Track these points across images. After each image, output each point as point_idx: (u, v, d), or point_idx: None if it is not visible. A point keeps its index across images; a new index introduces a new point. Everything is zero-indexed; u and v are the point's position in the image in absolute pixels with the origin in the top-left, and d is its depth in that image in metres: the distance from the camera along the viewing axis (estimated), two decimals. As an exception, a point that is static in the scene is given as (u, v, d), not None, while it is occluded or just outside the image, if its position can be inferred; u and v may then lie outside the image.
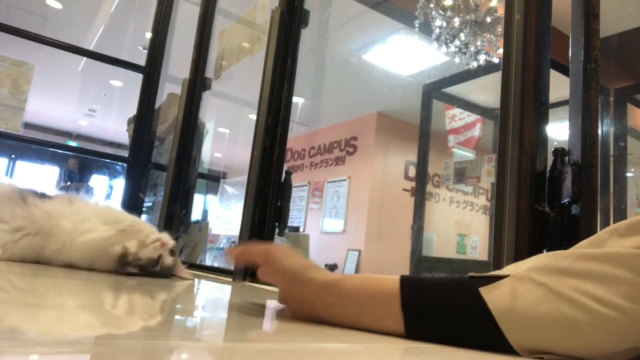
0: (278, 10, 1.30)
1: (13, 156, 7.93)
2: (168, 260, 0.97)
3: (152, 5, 3.62)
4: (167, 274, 1.00)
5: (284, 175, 1.24)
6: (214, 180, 5.49)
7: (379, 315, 0.50)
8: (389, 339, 0.49)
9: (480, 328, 0.46)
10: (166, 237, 0.99)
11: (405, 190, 5.70)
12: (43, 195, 1.09)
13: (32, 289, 0.70)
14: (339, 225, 5.81)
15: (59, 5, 4.55)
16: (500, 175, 0.63)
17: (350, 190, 5.82)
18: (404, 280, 0.50)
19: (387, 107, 5.65)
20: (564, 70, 0.76)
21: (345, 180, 5.90)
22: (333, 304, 0.53)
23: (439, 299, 0.49)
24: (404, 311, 0.48)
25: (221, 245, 6.77)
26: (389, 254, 5.04)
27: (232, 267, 1.20)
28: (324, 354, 0.42)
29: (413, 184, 5.81)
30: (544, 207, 0.61)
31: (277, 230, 1.19)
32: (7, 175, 7.92)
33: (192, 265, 1.57)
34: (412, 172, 5.84)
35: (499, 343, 0.45)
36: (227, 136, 6.83)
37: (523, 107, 0.66)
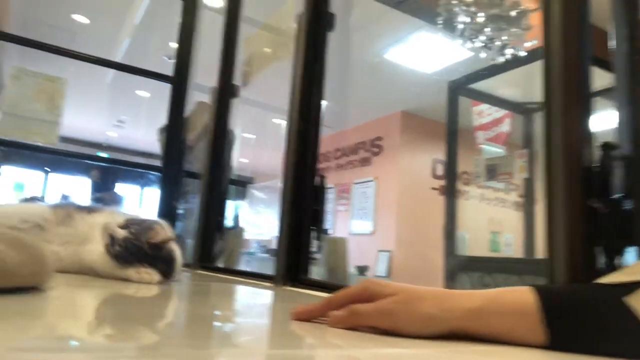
0: (304, 16, 1.30)
1: (47, 169, 8.18)
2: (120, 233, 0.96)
3: (175, 15, 3.68)
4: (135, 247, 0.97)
5: (317, 179, 1.24)
6: (241, 185, 5.55)
7: (520, 334, 0.49)
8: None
9: (632, 336, 0.45)
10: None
11: (433, 188, 5.64)
12: (89, 209, 1.11)
13: (72, 299, 0.72)
14: (368, 226, 5.79)
15: (86, 20, 4.68)
16: (548, 173, 0.62)
17: (377, 190, 5.80)
18: (539, 294, 0.49)
19: (411, 105, 5.61)
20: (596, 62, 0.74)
21: (372, 181, 5.87)
22: (474, 329, 0.50)
23: (581, 311, 0.48)
24: (549, 329, 0.48)
25: (252, 250, 6.82)
26: (420, 253, 4.99)
27: (272, 272, 1.21)
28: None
29: (441, 182, 5.75)
30: (596, 203, 0.60)
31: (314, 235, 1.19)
32: (43, 187, 8.16)
33: (231, 271, 1.58)
34: (440, 170, 5.78)
35: None
36: (252, 141, 6.89)
37: (567, 101, 0.65)
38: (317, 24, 1.27)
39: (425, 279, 4.76)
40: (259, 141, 6.77)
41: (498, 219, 5.30)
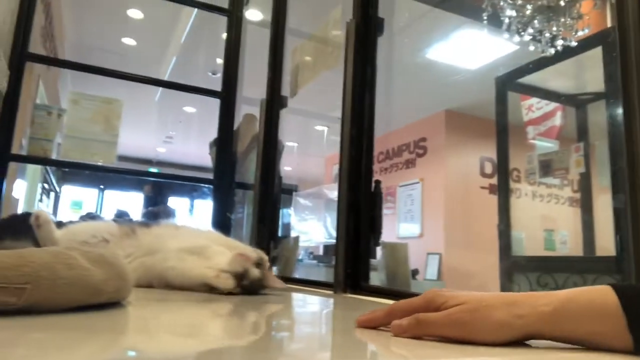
0: (353, 22, 1.31)
1: (102, 186, 8.55)
2: (254, 272, 0.98)
3: (220, 31, 3.78)
4: (259, 286, 1.01)
5: (373, 184, 1.24)
6: (287, 193, 5.61)
7: (601, 338, 0.46)
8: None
9: None
10: (250, 250, 1.01)
11: (482, 187, 5.51)
12: (150, 225, 1.15)
13: (155, 313, 0.74)
14: (415, 229, 5.71)
15: (133, 42, 4.87)
16: (631, 167, 0.59)
17: (423, 192, 5.71)
18: (619, 294, 0.46)
19: (455, 103, 5.51)
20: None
21: (417, 183, 5.80)
22: (549, 334, 0.48)
23: None
24: (632, 334, 0.44)
25: (300, 257, 6.87)
26: (472, 255, 4.87)
27: (331, 279, 1.21)
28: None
29: (490, 180, 5.61)
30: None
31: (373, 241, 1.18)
32: (99, 204, 8.54)
33: (288, 279, 1.60)
34: (488, 168, 5.64)
35: None
36: (295, 149, 6.96)
37: (644, 92, 0.62)
38: (366, 29, 1.27)
39: (479, 281, 4.64)
40: (301, 149, 6.84)
41: (551, 216, 5.11)
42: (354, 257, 1.18)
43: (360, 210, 1.21)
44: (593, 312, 0.46)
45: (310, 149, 7.17)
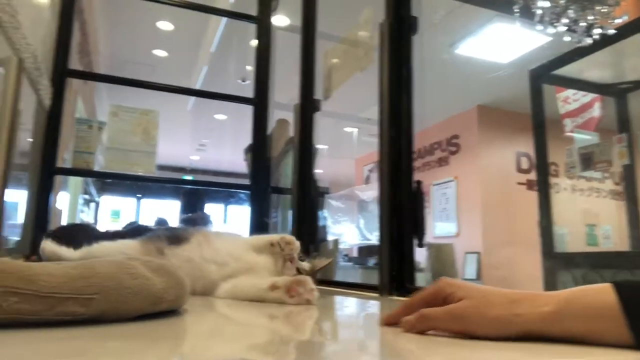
0: (386, 22, 1.30)
1: (139, 195, 8.77)
2: (304, 265, 0.99)
3: (248, 39, 3.82)
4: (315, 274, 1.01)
5: (414, 185, 1.23)
6: (320, 196, 5.62)
7: (600, 336, 0.47)
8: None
9: None
10: (277, 238, 1.00)
11: (519, 183, 5.39)
12: (177, 238, 1.07)
13: (214, 319, 0.75)
14: (452, 228, 5.62)
15: (164, 54, 4.99)
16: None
17: (458, 190, 5.62)
18: (620, 292, 0.46)
19: (487, 99, 5.41)
20: None
21: (452, 181, 5.71)
22: (549, 333, 0.49)
23: None
24: (632, 330, 0.45)
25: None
26: (512, 253, 4.77)
27: (376, 282, 1.20)
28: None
29: (527, 176, 5.48)
30: None
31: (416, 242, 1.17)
32: (136, 213, 8.76)
33: (329, 282, 1.60)
34: (525, 163, 5.51)
35: None
36: (325, 152, 6.97)
37: None
38: (400, 29, 1.27)
39: (521, 280, 4.53)
40: (331, 151, 6.84)
41: (593, 210, 4.95)
42: (399, 259, 1.17)
43: (402, 211, 1.20)
44: (592, 311, 0.47)
45: (340, 151, 7.17)
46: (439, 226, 5.82)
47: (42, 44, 2.04)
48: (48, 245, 1.11)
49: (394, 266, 1.17)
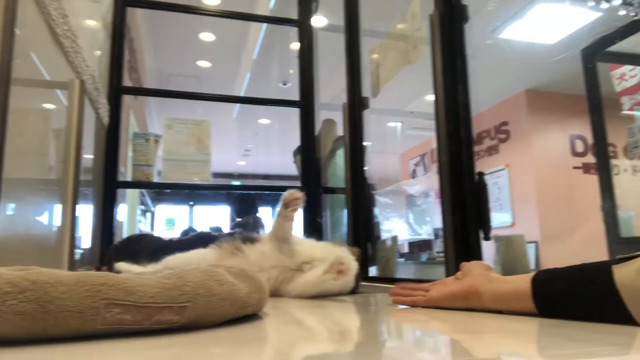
0: (436, 13, 1.28)
1: (191, 203, 9.03)
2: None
3: (288, 42, 3.86)
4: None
5: (476, 176, 1.20)
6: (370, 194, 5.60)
7: (515, 309, 0.65)
8: None
9: (606, 302, 0.52)
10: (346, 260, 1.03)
11: (576, 167, 5.17)
12: (250, 239, 1.15)
13: (276, 319, 0.76)
14: (506, 218, 5.46)
15: (208, 64, 5.11)
16: None
17: (511, 179, 5.46)
18: (534, 282, 0.62)
19: (535, 82, 5.22)
20: None
21: (503, 169, 5.55)
22: (487, 305, 0.69)
23: (567, 282, 0.57)
24: (536, 304, 0.61)
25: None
26: (573, 240, 4.59)
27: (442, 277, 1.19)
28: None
29: (583, 159, 5.25)
30: None
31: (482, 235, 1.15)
32: (189, 220, 9.02)
33: (391, 280, 1.59)
34: (580, 147, 5.28)
35: (624, 317, 0.50)
36: (369, 148, 6.93)
37: None
38: (451, 18, 1.24)
39: (584, 267, 4.34)
40: (375, 147, 6.80)
41: (657, 191, 4.67)
42: (465, 254, 1.15)
43: (465, 204, 1.18)
44: (512, 295, 0.65)
45: (384, 146, 7.11)
46: (493, 217, 5.67)
47: (99, 65, 2.14)
48: (122, 266, 1.16)
49: (459, 261, 1.15)
